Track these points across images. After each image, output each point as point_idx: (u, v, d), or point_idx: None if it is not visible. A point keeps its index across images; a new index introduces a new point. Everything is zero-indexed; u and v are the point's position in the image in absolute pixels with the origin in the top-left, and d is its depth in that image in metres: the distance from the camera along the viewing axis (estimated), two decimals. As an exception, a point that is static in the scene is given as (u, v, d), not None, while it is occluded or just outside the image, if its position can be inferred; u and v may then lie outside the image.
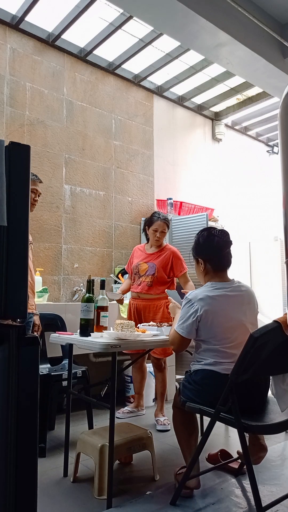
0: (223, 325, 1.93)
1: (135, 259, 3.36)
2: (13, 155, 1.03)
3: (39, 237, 3.71)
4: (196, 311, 1.92)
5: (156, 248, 3.30)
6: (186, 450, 2.02)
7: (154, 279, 3.19)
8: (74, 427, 2.86)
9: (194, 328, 1.93)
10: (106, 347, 1.87)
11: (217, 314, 1.93)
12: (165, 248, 3.30)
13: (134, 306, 3.27)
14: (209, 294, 1.96)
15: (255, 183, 6.23)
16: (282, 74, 4.04)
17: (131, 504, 1.91)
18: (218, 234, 2.09)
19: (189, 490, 1.96)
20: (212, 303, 1.93)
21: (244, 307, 2.01)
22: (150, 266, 3.22)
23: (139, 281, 3.25)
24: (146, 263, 3.25)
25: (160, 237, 3.25)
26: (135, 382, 3.42)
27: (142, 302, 3.23)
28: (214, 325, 1.92)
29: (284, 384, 1.80)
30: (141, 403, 3.45)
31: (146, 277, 3.22)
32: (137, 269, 3.28)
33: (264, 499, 1.77)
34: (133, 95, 4.65)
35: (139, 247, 3.43)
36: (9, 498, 0.94)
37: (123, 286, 3.43)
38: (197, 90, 4.96)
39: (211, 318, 1.91)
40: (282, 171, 1.78)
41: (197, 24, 3.35)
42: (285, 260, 1.81)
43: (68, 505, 1.92)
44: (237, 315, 1.97)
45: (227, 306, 1.96)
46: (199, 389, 1.93)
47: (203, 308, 1.91)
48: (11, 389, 0.96)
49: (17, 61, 3.70)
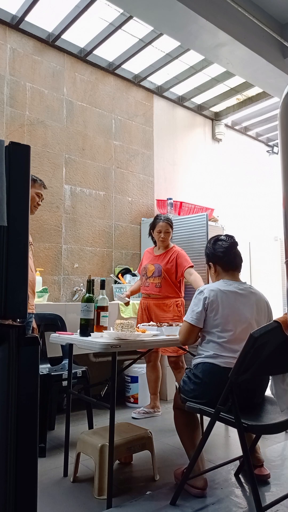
0: (228, 317, 1.98)
1: (144, 261, 3.48)
2: (13, 155, 1.03)
3: (39, 237, 3.71)
4: (205, 298, 2.01)
5: (163, 249, 3.42)
6: (191, 448, 2.03)
7: (162, 280, 3.30)
8: (74, 427, 2.86)
9: (202, 316, 2.00)
10: (106, 347, 1.87)
11: (224, 306, 1.99)
12: (171, 249, 3.41)
13: (144, 305, 3.38)
14: (220, 288, 2.05)
15: (255, 183, 6.23)
16: (282, 74, 4.04)
17: (131, 504, 1.91)
18: (224, 238, 2.22)
19: (199, 490, 1.96)
20: (222, 296, 2.01)
21: (252, 307, 2.04)
22: (156, 268, 3.34)
23: (147, 282, 3.37)
24: (153, 264, 3.37)
25: (165, 237, 3.36)
26: (150, 382, 3.42)
27: (152, 301, 3.33)
28: (219, 315, 1.98)
29: (284, 384, 1.80)
30: (157, 404, 3.41)
31: (154, 278, 3.33)
32: (145, 270, 3.41)
33: (264, 499, 1.77)
34: (133, 95, 4.65)
35: (149, 250, 3.54)
36: (9, 498, 0.94)
37: (133, 286, 3.58)
38: (197, 90, 4.96)
39: (218, 308, 1.98)
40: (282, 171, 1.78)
41: (197, 24, 3.34)
42: (285, 260, 1.82)
43: (68, 505, 1.92)
44: (243, 312, 2.01)
45: (235, 301, 2.02)
46: (198, 382, 1.94)
47: (211, 297, 2.00)
48: (11, 389, 0.96)
49: (17, 61, 3.70)
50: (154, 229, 3.39)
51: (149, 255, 3.48)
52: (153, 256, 3.43)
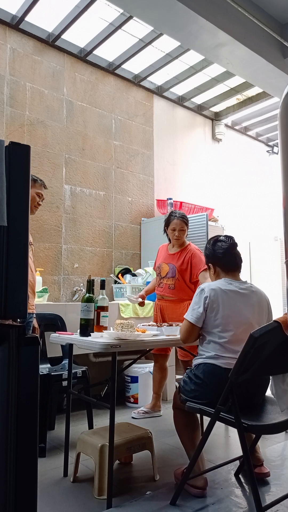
0: (229, 318, 1.96)
1: (159, 259, 3.33)
2: (13, 155, 1.03)
3: (39, 237, 3.71)
4: (205, 298, 1.98)
5: (178, 247, 3.23)
6: (191, 448, 2.03)
7: (176, 281, 3.15)
8: (74, 427, 2.86)
9: (202, 316, 1.98)
10: (106, 347, 1.87)
11: (225, 305, 1.97)
12: (186, 248, 3.21)
13: (158, 307, 3.29)
14: (221, 287, 2.03)
15: (255, 183, 6.23)
16: (282, 74, 4.04)
17: (131, 504, 1.91)
18: (224, 239, 2.20)
19: (199, 490, 1.96)
20: (223, 295, 1.99)
21: (254, 307, 2.04)
22: (171, 268, 3.18)
23: (161, 283, 3.23)
24: (167, 264, 3.21)
25: (179, 235, 3.17)
26: (154, 382, 3.38)
27: (166, 303, 3.23)
28: (220, 315, 1.96)
29: (284, 384, 1.80)
30: (158, 404, 3.35)
31: (168, 279, 3.18)
32: (159, 270, 3.26)
33: (264, 499, 1.77)
34: (133, 95, 4.65)
35: (163, 246, 3.37)
36: (9, 498, 0.94)
37: (148, 286, 3.44)
38: (197, 90, 4.96)
39: (218, 308, 1.97)
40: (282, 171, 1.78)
41: (197, 24, 3.34)
42: (285, 260, 1.82)
43: (68, 505, 1.92)
44: (244, 312, 2.00)
45: (236, 301, 2.00)
46: (199, 383, 1.94)
47: (212, 297, 1.98)
48: (11, 389, 0.96)
49: (17, 61, 3.70)
50: (168, 226, 3.20)
51: (164, 253, 3.31)
52: (168, 254, 3.25)
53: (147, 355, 3.50)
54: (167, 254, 3.26)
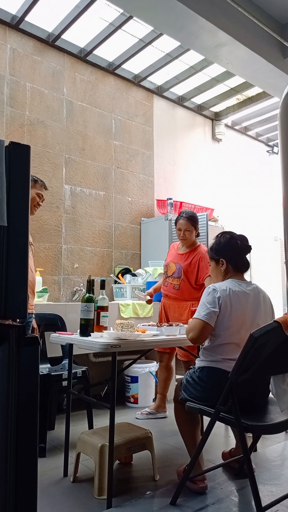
0: (238, 320, 1.95)
1: (168, 258, 3.29)
2: (13, 155, 1.03)
3: (39, 237, 3.71)
4: (219, 298, 1.95)
5: (187, 248, 3.17)
6: (192, 444, 2.02)
7: (181, 282, 3.10)
8: (74, 427, 2.86)
9: (216, 315, 1.93)
10: (106, 347, 1.87)
11: (235, 308, 1.96)
12: (196, 249, 3.14)
13: (162, 305, 3.27)
14: (232, 288, 2.00)
15: (255, 183, 6.23)
16: (282, 74, 4.04)
17: (131, 504, 1.91)
18: (239, 238, 2.19)
19: (201, 486, 1.96)
20: (233, 296, 1.97)
21: (260, 308, 2.03)
22: (177, 268, 3.13)
23: (166, 282, 3.20)
24: (174, 263, 3.16)
25: (185, 236, 3.11)
26: (159, 382, 3.34)
27: (169, 301, 3.20)
28: (230, 318, 1.94)
29: (284, 384, 1.80)
30: (162, 405, 3.29)
31: (173, 279, 3.14)
32: (167, 268, 3.22)
33: (264, 499, 1.77)
34: (133, 95, 4.65)
35: (174, 245, 3.33)
36: (9, 498, 0.94)
37: (156, 284, 3.40)
38: (197, 90, 4.96)
39: (229, 310, 1.94)
40: (282, 171, 1.78)
41: (197, 24, 3.34)
42: (285, 260, 1.82)
43: (68, 505, 1.92)
44: (252, 314, 1.99)
45: (246, 303, 1.99)
46: (204, 386, 1.93)
47: (225, 298, 1.95)
48: (11, 389, 0.96)
49: (17, 61, 3.70)
50: (176, 226, 3.15)
51: (173, 252, 3.26)
52: (177, 254, 3.20)
53: (148, 355, 3.50)
54: (176, 254, 3.22)
